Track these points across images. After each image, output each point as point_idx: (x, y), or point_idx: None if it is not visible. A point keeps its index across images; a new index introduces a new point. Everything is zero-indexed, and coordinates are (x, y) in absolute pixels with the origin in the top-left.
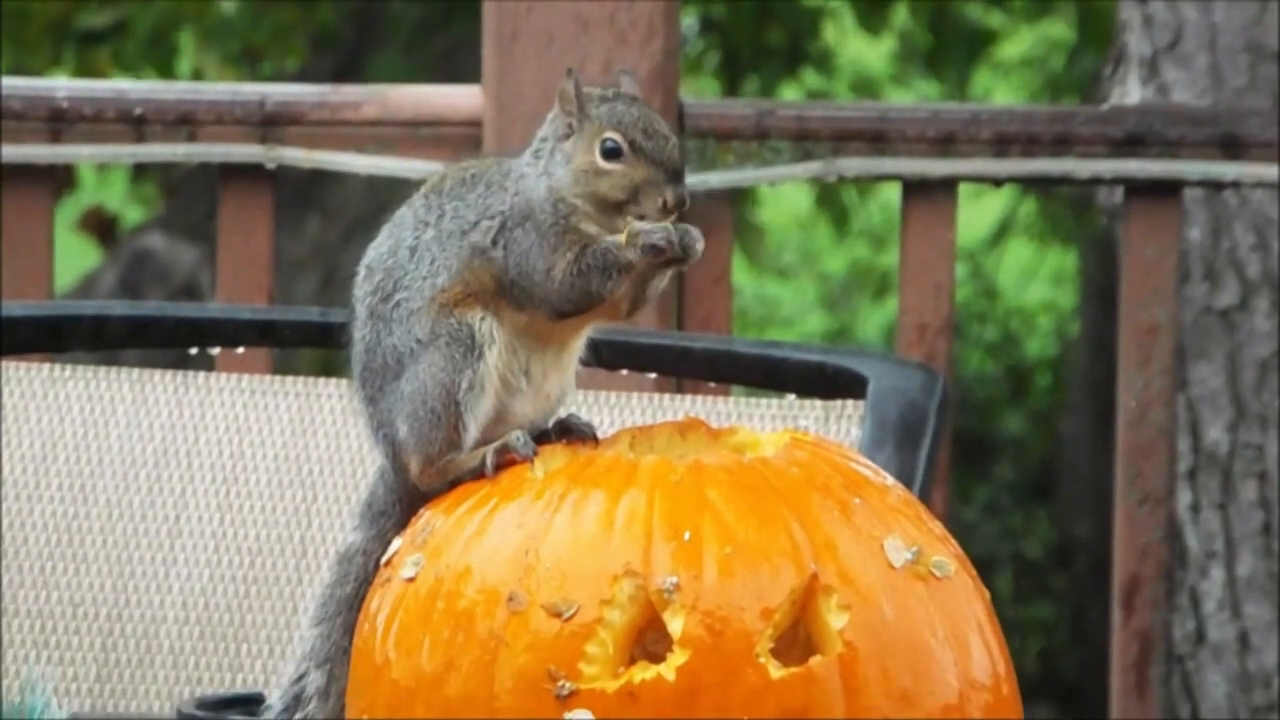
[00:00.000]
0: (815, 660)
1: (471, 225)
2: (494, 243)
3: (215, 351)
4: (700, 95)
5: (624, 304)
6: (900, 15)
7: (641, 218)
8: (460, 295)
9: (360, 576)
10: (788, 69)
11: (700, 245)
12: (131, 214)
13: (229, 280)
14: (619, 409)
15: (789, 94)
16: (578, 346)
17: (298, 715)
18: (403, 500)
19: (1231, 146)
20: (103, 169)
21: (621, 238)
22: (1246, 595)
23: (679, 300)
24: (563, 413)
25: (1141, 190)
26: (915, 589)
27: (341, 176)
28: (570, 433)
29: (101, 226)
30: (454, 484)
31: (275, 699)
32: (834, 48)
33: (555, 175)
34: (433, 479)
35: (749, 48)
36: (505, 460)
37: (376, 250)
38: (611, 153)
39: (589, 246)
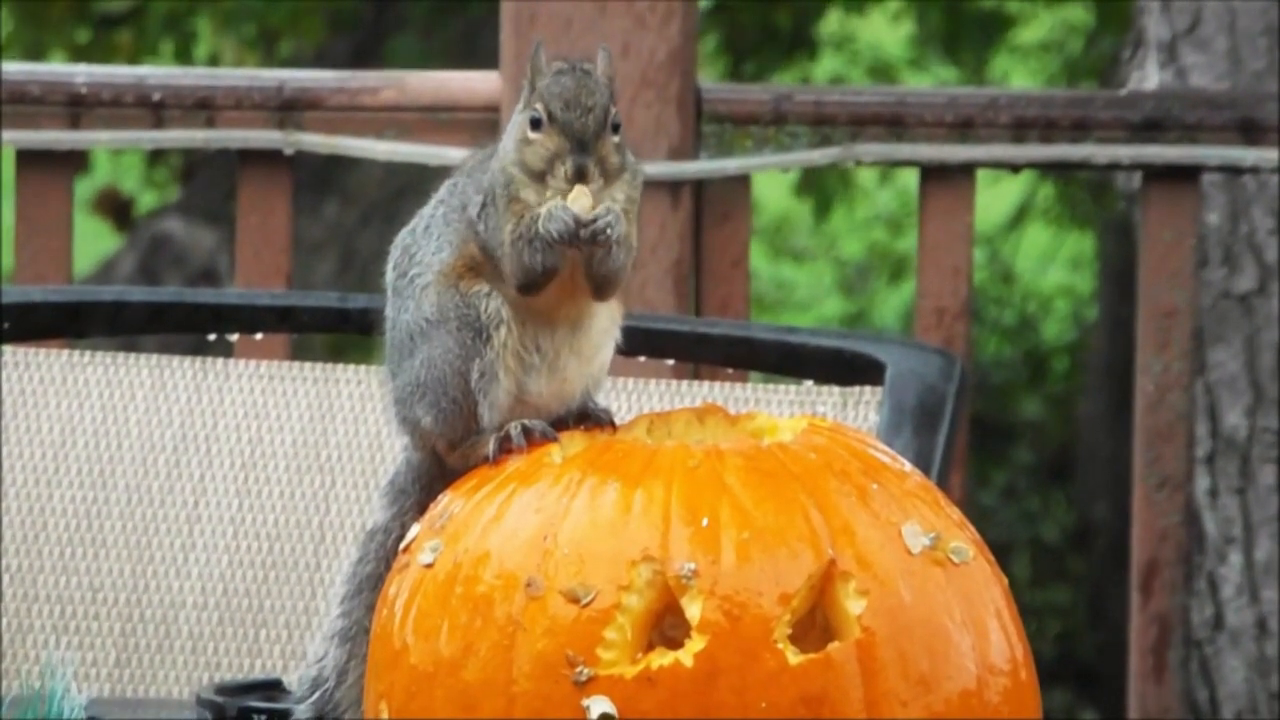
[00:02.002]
0: (833, 646)
1: (470, 201)
2: (478, 216)
3: (233, 337)
4: (705, 75)
5: (581, 281)
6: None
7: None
8: (463, 269)
9: (381, 555)
10: (788, 53)
11: (613, 229)
12: (146, 198)
13: (248, 264)
14: (637, 395)
15: (796, 76)
16: (596, 330)
17: (317, 693)
18: (421, 479)
19: (1250, 131)
20: (118, 153)
21: (541, 215)
22: (1264, 580)
23: (696, 285)
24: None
25: (1160, 175)
26: (933, 574)
27: (359, 160)
28: (588, 418)
29: (117, 208)
30: (475, 466)
31: (296, 678)
32: (851, 32)
33: (504, 145)
34: (458, 462)
35: (756, 30)
36: (509, 448)
37: (403, 230)
38: (534, 123)
39: (524, 217)
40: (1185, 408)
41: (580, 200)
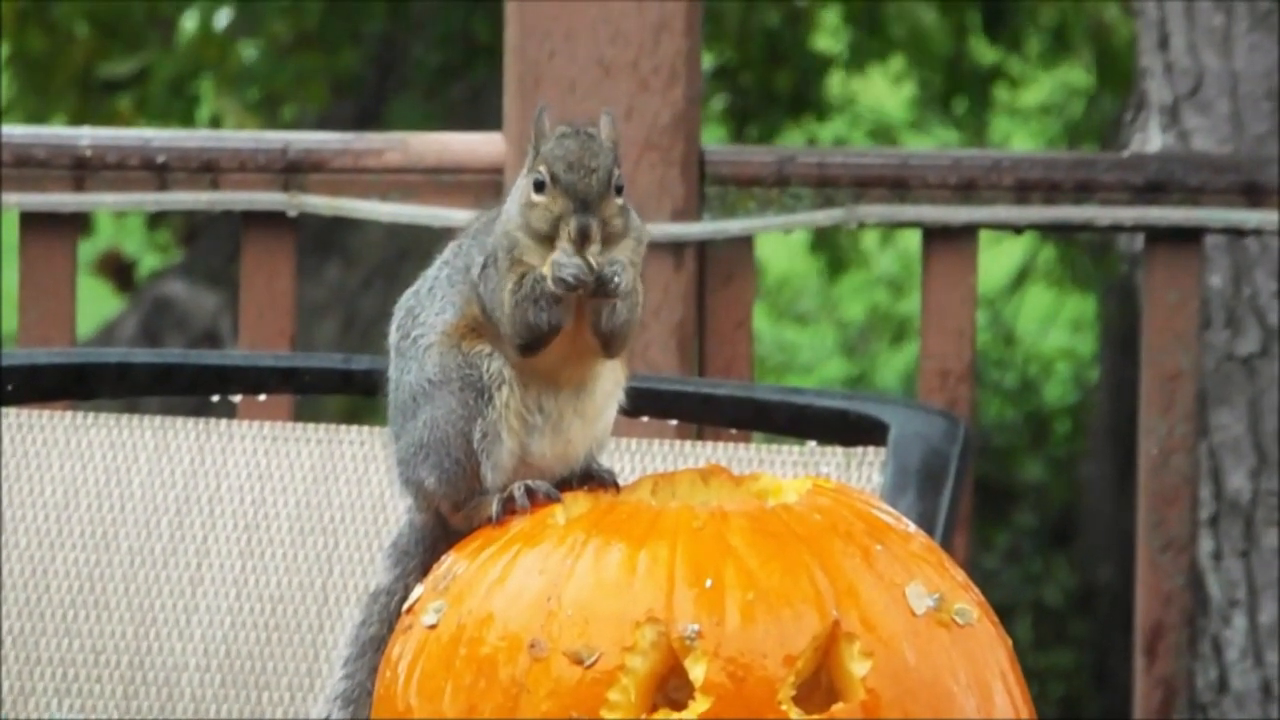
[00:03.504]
0: (838, 707)
1: (474, 262)
2: (479, 277)
3: (237, 398)
4: (709, 138)
5: (588, 340)
6: (904, 61)
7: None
8: (465, 329)
9: (384, 617)
10: (792, 114)
11: (620, 279)
12: (148, 260)
13: (251, 326)
14: (641, 455)
15: (794, 139)
16: (600, 391)
17: None
18: (425, 540)
19: (1253, 193)
20: (121, 215)
21: (548, 266)
22: (1269, 643)
23: (700, 346)
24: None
25: (1163, 236)
26: (938, 636)
27: (361, 222)
28: (592, 479)
29: (119, 270)
30: (479, 527)
31: None
32: (853, 94)
33: (508, 209)
34: (461, 523)
35: (758, 93)
36: (513, 509)
37: (408, 291)
38: (538, 185)
39: (525, 276)
40: (1189, 470)
41: (592, 258)
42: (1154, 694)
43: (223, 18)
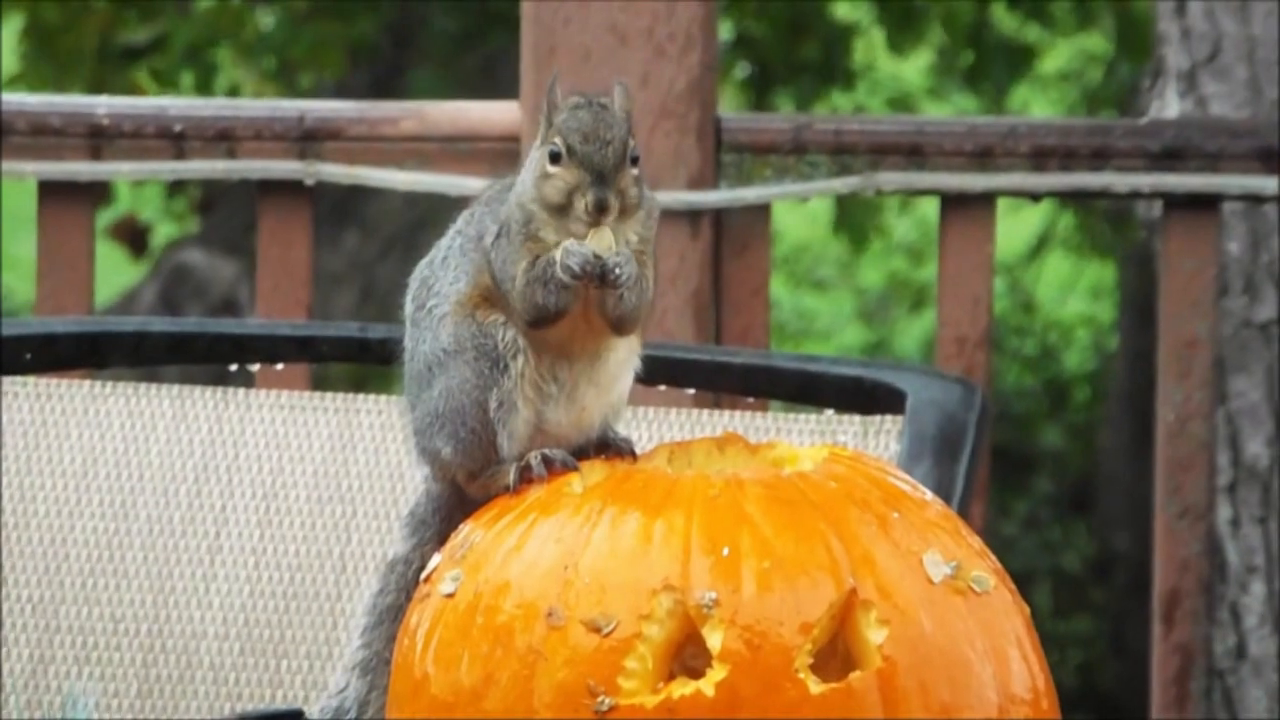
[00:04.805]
0: (854, 675)
1: (487, 231)
2: (492, 247)
3: (254, 367)
4: (731, 108)
5: (595, 319)
6: (935, 34)
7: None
8: (479, 299)
9: (401, 585)
10: (821, 84)
11: (624, 271)
12: (165, 229)
13: (268, 295)
14: (657, 424)
15: (819, 108)
16: (614, 360)
17: None
18: (441, 510)
19: (1271, 159)
20: (138, 184)
21: (558, 253)
22: None
23: (717, 314)
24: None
25: (1180, 203)
26: (954, 604)
27: (379, 191)
28: (608, 448)
29: (133, 235)
30: (495, 495)
31: (318, 709)
32: (870, 63)
33: (522, 181)
34: (478, 492)
35: (782, 63)
36: (530, 478)
37: (422, 261)
38: (553, 157)
39: (539, 258)
40: (1206, 437)
41: (603, 238)
42: (1171, 660)
43: None
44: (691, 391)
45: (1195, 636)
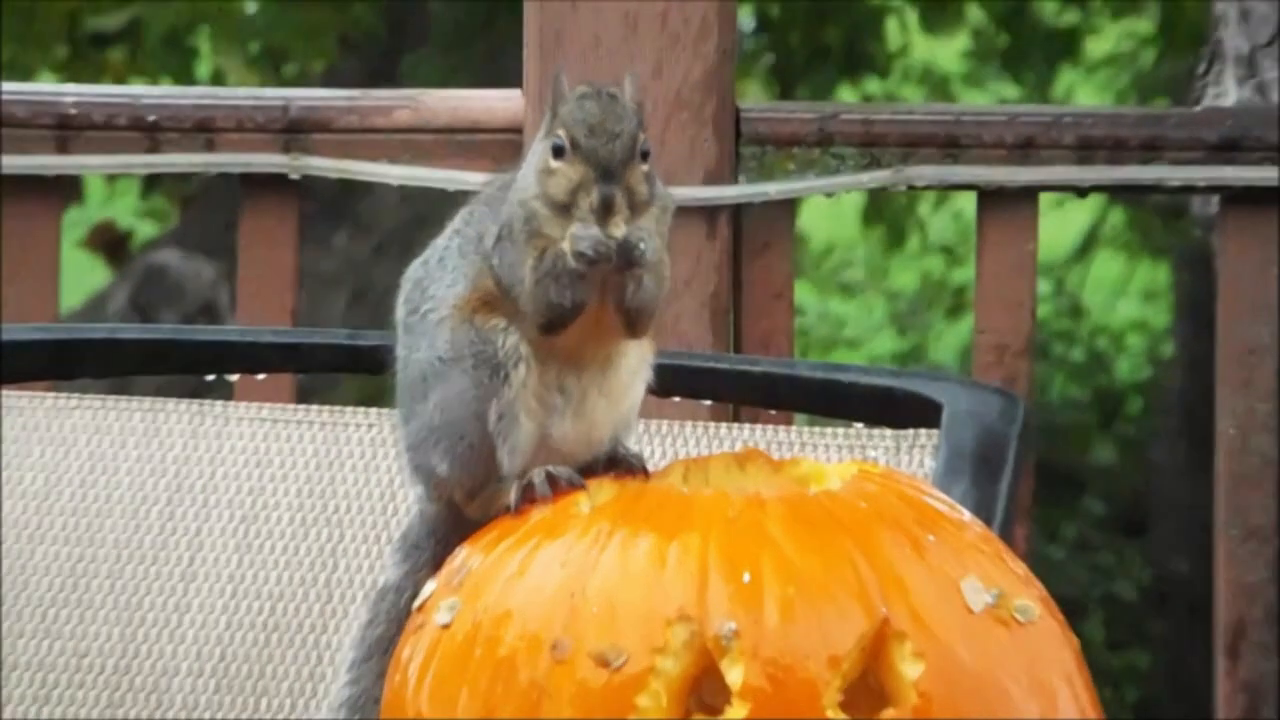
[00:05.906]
0: (887, 713)
1: (487, 231)
2: (493, 249)
3: (234, 378)
4: (755, 99)
5: (612, 317)
6: (973, 14)
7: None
8: (478, 303)
9: (392, 616)
10: (846, 71)
11: (646, 246)
12: (143, 229)
13: (250, 299)
14: (671, 439)
15: (848, 97)
16: (625, 369)
17: None
18: (436, 532)
19: None
20: (112, 180)
21: (566, 242)
22: None
23: (735, 319)
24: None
25: (1239, 198)
26: (996, 635)
27: (372, 187)
28: (618, 465)
29: (111, 243)
30: (495, 516)
31: None
32: (902, 47)
33: (524, 176)
34: (477, 513)
35: (805, 49)
36: (533, 497)
37: (415, 262)
38: (557, 151)
39: (546, 251)
40: (1271, 452)
41: (615, 229)
42: (1237, 698)
43: None
44: (708, 403)
45: (1263, 672)
